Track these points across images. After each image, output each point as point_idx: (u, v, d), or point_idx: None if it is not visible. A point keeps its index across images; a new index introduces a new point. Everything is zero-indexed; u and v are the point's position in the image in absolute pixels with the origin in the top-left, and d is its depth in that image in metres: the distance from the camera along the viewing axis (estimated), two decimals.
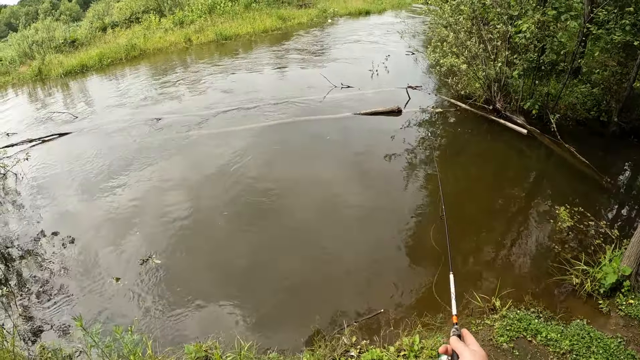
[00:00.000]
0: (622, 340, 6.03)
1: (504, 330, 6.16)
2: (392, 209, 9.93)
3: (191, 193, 10.89)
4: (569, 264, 7.62)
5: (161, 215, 10.11)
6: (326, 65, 20.57)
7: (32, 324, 7.50)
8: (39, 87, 22.78)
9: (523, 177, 11.58)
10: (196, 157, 12.71)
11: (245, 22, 29.06)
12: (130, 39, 26.57)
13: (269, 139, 13.46)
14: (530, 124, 13.06)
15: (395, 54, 21.55)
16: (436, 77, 17.81)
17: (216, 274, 8.35)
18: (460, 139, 13.58)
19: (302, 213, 9.89)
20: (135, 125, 15.27)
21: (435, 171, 11.08)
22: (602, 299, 6.91)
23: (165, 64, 23.69)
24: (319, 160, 12.12)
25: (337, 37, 26.86)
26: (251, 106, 16.00)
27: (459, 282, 7.64)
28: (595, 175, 10.80)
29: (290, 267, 8.29)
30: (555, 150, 12.01)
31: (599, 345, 5.85)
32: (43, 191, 11.67)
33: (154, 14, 30.37)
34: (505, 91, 13.78)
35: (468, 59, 13.47)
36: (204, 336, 6.74)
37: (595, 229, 8.89)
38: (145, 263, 8.60)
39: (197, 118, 15.33)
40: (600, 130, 12.79)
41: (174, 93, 18.52)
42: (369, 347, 6.07)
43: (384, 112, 14.76)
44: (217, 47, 25.93)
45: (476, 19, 13.22)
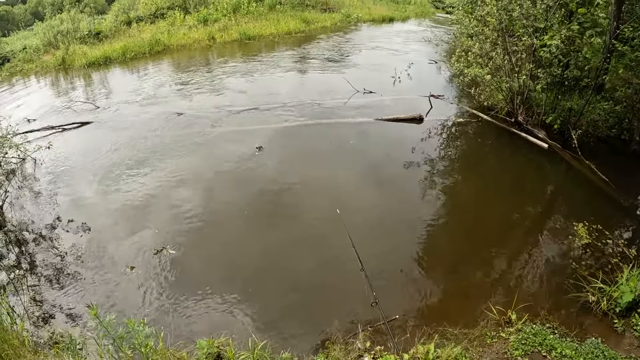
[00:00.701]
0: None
1: (519, 344, 6.15)
2: (409, 217, 9.91)
3: (209, 189, 10.98)
4: (585, 281, 7.57)
5: (178, 209, 10.21)
6: (348, 70, 20.60)
7: (43, 309, 7.60)
8: (61, 76, 23.03)
9: (542, 191, 11.52)
10: (215, 153, 12.79)
11: (269, 23, 29.19)
12: (154, 34, 26.80)
13: (289, 140, 13.53)
14: (551, 139, 12.98)
15: (418, 62, 21.56)
16: (458, 87, 17.76)
17: (230, 271, 8.40)
18: (480, 150, 13.53)
19: (319, 216, 9.91)
20: (156, 119, 15.40)
21: (452, 182, 11.09)
22: (617, 318, 6.87)
23: (188, 60, 23.86)
24: (339, 164, 12.14)
25: (360, 42, 26.89)
26: (272, 107, 16.08)
27: (475, 293, 7.69)
28: (614, 193, 10.71)
29: (305, 269, 8.33)
30: (575, 166, 11.92)
31: None
32: (61, 178, 11.83)
33: (179, 11, 30.59)
34: (527, 104, 13.71)
35: (492, 70, 13.43)
36: (216, 332, 6.79)
37: (612, 248, 8.82)
38: (159, 253, 8.71)
39: (217, 115, 15.44)
40: (621, 148, 12.68)
41: (195, 89, 18.64)
42: (382, 353, 6.07)
43: (406, 119, 14.78)
44: (240, 47, 26.08)
45: (502, 31, 13.17)
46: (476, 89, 14.93)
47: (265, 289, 7.90)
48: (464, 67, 14.29)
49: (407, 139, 13.73)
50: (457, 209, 10.61)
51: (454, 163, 12.55)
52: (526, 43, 12.47)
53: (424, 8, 40.40)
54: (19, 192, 11.27)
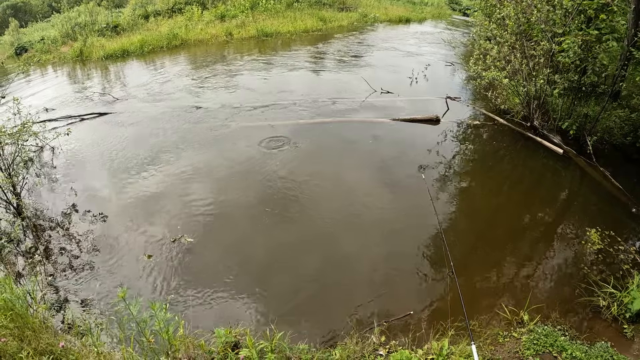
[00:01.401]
0: None
1: (530, 344, 6.25)
2: (422, 217, 9.97)
3: (225, 183, 11.13)
4: (596, 286, 7.65)
5: (195, 201, 10.38)
6: (364, 70, 20.70)
7: (60, 294, 7.78)
8: (78, 67, 23.30)
9: (556, 196, 11.57)
10: (232, 148, 12.95)
11: (287, 21, 29.33)
12: (172, 28, 27.03)
13: (306, 137, 13.64)
14: (566, 145, 13.03)
15: (434, 63, 21.60)
16: (475, 90, 17.81)
17: (246, 263, 8.54)
18: (495, 153, 13.59)
19: (336, 212, 10.04)
20: (173, 112, 15.59)
21: (467, 184, 11.19)
22: (627, 324, 6.94)
23: (205, 55, 24.04)
24: (354, 162, 12.30)
25: (377, 42, 26.95)
26: (288, 104, 16.23)
27: (488, 293, 7.79)
28: (628, 201, 10.75)
29: (321, 264, 8.46)
30: (589, 173, 11.97)
31: None
32: (79, 167, 12.07)
33: (197, 6, 30.79)
34: (543, 109, 13.74)
35: (509, 73, 13.48)
36: (233, 322, 6.94)
37: (624, 254, 8.88)
38: (176, 241, 8.88)
39: (234, 110, 15.60)
40: (635, 156, 12.68)
41: (212, 84, 18.82)
42: (397, 348, 6.19)
43: (422, 120, 14.90)
44: (257, 44, 26.23)
45: (520, 34, 13.21)
46: (492, 92, 14.97)
47: (281, 282, 8.05)
48: (481, 70, 14.35)
49: (423, 139, 13.84)
50: (471, 210, 10.70)
51: (469, 165, 12.63)
52: (544, 47, 12.52)
53: (440, 10, 40.33)
54: (37, 179, 11.48)
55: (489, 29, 14.47)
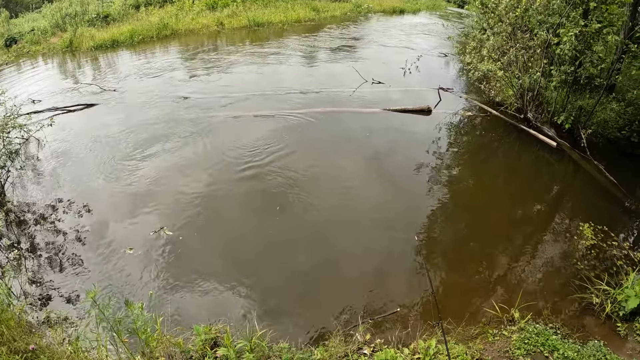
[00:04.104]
0: None
1: (521, 343, 6.06)
2: (413, 210, 9.84)
3: (212, 175, 10.91)
4: (589, 282, 7.50)
5: (180, 193, 10.17)
6: (357, 61, 20.45)
7: (42, 290, 7.57)
8: (68, 58, 22.96)
9: (549, 189, 11.43)
10: (219, 139, 12.71)
11: (279, 11, 29.01)
12: (162, 18, 26.66)
13: (296, 127, 13.43)
14: (560, 137, 12.86)
15: (428, 54, 21.37)
16: (468, 81, 17.60)
17: (230, 258, 8.36)
18: (488, 145, 13.44)
19: (322, 207, 9.84)
20: (161, 102, 15.35)
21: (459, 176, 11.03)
22: (620, 322, 6.78)
23: (196, 45, 23.75)
24: (344, 154, 12.07)
25: (370, 33, 26.69)
26: (279, 94, 16.01)
27: (478, 289, 7.62)
28: (621, 195, 10.60)
29: (306, 260, 8.28)
30: (583, 166, 11.80)
31: None
32: (64, 159, 11.82)
33: None
34: (537, 101, 13.55)
35: (504, 64, 13.27)
36: (214, 318, 6.76)
37: (618, 250, 8.73)
38: (157, 234, 8.72)
39: (223, 101, 15.38)
40: (630, 150, 12.52)
41: (201, 75, 18.57)
42: (382, 347, 5.99)
43: (414, 110, 14.71)
44: (248, 33, 25.93)
45: (517, 25, 12.98)
46: (486, 83, 14.77)
47: (264, 277, 7.86)
48: (476, 62, 14.15)
49: (415, 130, 13.68)
50: (463, 203, 10.54)
51: (461, 157, 12.44)
52: (541, 38, 12.30)
53: (435, 1, 40.01)
54: (21, 172, 11.22)
55: (484, 20, 14.23)
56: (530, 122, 13.60)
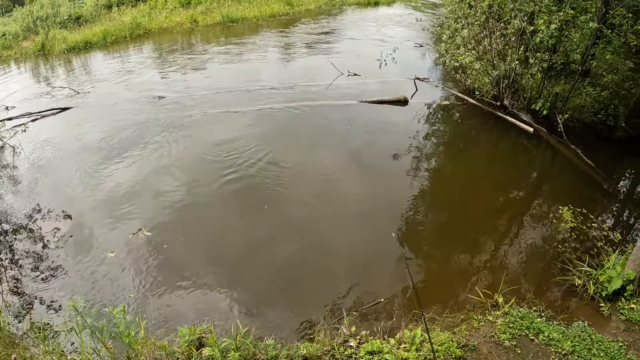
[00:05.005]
0: (623, 345, 6.00)
1: (506, 327, 6.11)
2: (394, 201, 9.84)
3: (191, 174, 10.79)
4: (571, 265, 7.58)
5: (159, 194, 10.05)
6: (332, 54, 20.33)
7: (24, 299, 7.42)
8: (41, 62, 22.51)
9: (528, 175, 11.54)
10: (197, 137, 12.55)
11: (253, 6, 28.70)
12: (135, 17, 26.24)
13: (273, 122, 13.35)
14: (537, 123, 12.97)
15: (403, 45, 21.35)
16: (444, 70, 17.66)
17: (212, 256, 8.29)
18: (466, 133, 13.53)
19: (303, 200, 9.83)
20: (136, 103, 15.12)
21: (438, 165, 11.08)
22: (603, 302, 6.87)
23: (169, 44, 23.44)
24: (323, 147, 12.04)
25: (345, 26, 26.58)
26: (255, 89, 15.87)
27: (461, 276, 7.66)
28: (599, 178, 10.74)
29: (289, 254, 8.23)
30: (560, 151, 11.93)
31: (600, 348, 5.83)
32: (40, 166, 11.56)
33: None
34: (513, 88, 13.64)
35: (479, 53, 13.33)
36: (198, 318, 6.71)
37: (598, 231, 8.87)
38: (135, 235, 8.62)
39: (199, 99, 15.19)
40: (606, 134, 12.70)
41: (176, 73, 18.33)
42: (368, 338, 5.99)
43: (391, 101, 14.69)
44: (222, 30, 25.68)
45: (491, 14, 13.04)
46: (462, 72, 14.84)
47: (247, 274, 7.81)
48: (452, 52, 14.22)
49: (393, 121, 13.69)
50: (443, 192, 10.61)
51: (440, 146, 12.52)
52: (515, 26, 12.36)
53: None
54: None
55: (458, 9, 14.28)
56: (507, 109, 13.69)
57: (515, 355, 5.72)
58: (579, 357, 5.69)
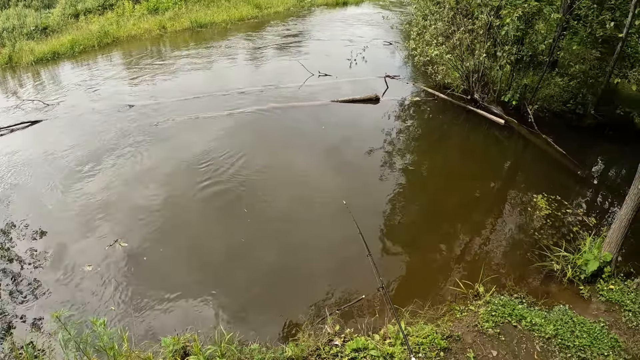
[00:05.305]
0: (605, 325, 6.13)
1: (488, 315, 6.18)
2: (371, 197, 9.85)
3: (165, 183, 10.56)
4: (549, 251, 7.73)
5: (134, 204, 9.83)
6: (303, 55, 20.31)
7: (3, 320, 7.22)
8: (9, 74, 22.07)
9: (501, 166, 11.69)
10: (169, 145, 12.34)
11: (221, 10, 28.51)
12: (103, 25, 25.86)
13: (246, 127, 13.21)
14: (507, 115, 13.16)
15: (373, 44, 21.47)
16: (414, 67, 17.78)
17: (192, 264, 8.16)
18: (439, 128, 13.64)
19: (279, 204, 9.71)
20: (107, 113, 14.83)
21: (413, 160, 11.15)
22: (582, 285, 7.03)
23: (138, 51, 23.16)
24: (297, 149, 11.98)
25: (314, 27, 26.60)
26: (226, 94, 15.72)
27: (441, 269, 7.72)
28: (571, 165, 10.96)
29: (269, 258, 8.15)
30: (532, 141, 12.14)
31: (582, 330, 5.94)
32: (13, 181, 11.24)
33: (128, 0, 29.62)
34: (483, 81, 13.81)
35: (449, 49, 13.46)
36: (182, 328, 6.62)
37: (573, 217, 9.06)
38: (112, 247, 8.45)
39: (170, 106, 14.94)
40: (576, 122, 12.97)
41: (146, 81, 18.07)
42: (353, 336, 5.99)
43: (362, 100, 14.71)
44: (191, 35, 25.47)
45: (457, 9, 13.18)
46: (432, 68, 14.95)
47: (228, 280, 7.73)
48: (421, 48, 14.33)
49: (366, 119, 13.71)
50: (419, 187, 10.66)
51: (413, 141, 12.60)
52: (482, 21, 12.51)
53: None
54: None
55: (426, 6, 14.42)
56: (477, 102, 13.87)
57: (499, 343, 5.79)
58: (562, 339, 5.79)
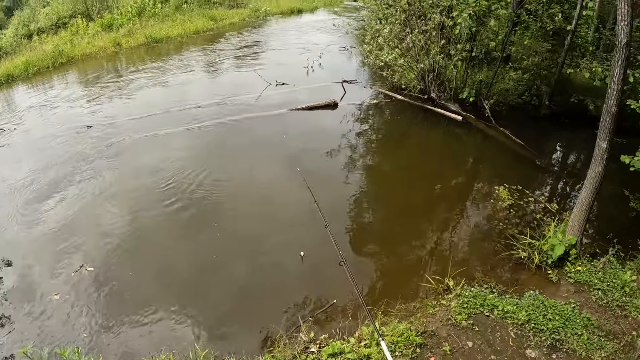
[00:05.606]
0: (576, 305, 6.23)
1: (460, 308, 6.19)
2: (337, 202, 9.76)
3: (128, 204, 10.11)
4: (514, 239, 7.84)
5: (98, 228, 9.40)
6: (259, 65, 20.19)
7: None
8: None
9: (462, 161, 11.84)
10: (130, 164, 11.95)
11: (176, 24, 28.23)
12: (57, 45, 25.25)
13: (205, 141, 12.91)
14: (465, 111, 13.40)
15: (329, 50, 21.60)
16: (370, 71, 17.94)
17: (162, 284, 7.92)
18: (398, 128, 13.72)
19: (244, 216, 9.47)
20: (64, 135, 14.36)
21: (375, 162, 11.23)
22: (550, 269, 7.17)
23: (94, 70, 22.67)
24: (258, 160, 11.66)
25: (270, 36, 26.65)
26: (185, 108, 15.42)
27: (410, 266, 7.76)
28: (531, 155, 11.23)
29: (240, 271, 7.96)
30: (490, 134, 12.38)
31: (554, 313, 6.02)
32: None
33: (82, 19, 29.01)
34: (439, 80, 14.02)
35: (403, 50, 13.62)
36: (156, 350, 6.38)
37: (535, 205, 9.27)
38: (78, 272, 8.15)
39: (128, 124, 14.55)
40: (532, 113, 13.33)
41: (103, 100, 17.66)
42: (329, 341, 5.94)
43: (320, 106, 14.62)
44: (147, 51, 25.12)
45: (410, 11, 13.37)
46: (388, 70, 15.07)
47: (199, 296, 7.54)
48: (375, 51, 14.47)
49: (326, 125, 13.66)
50: (384, 187, 10.70)
51: (373, 143, 12.65)
52: (435, 21, 12.72)
53: None
54: None
55: (379, 10, 14.58)
56: (434, 101, 14.07)
57: (474, 333, 5.82)
58: (535, 324, 5.85)
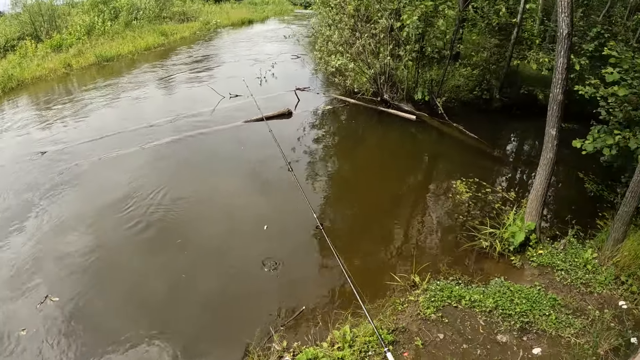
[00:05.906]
0: (542, 287, 6.38)
1: (428, 302, 6.23)
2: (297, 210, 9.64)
3: (90, 231, 9.75)
4: (476, 230, 7.95)
5: (60, 258, 9.08)
6: (212, 78, 20.04)
7: None
8: None
9: (419, 159, 12.01)
10: (88, 188, 11.50)
11: (127, 41, 27.73)
12: (5, 69, 24.47)
13: (162, 159, 12.60)
14: (418, 110, 13.63)
15: (281, 59, 21.66)
16: (323, 77, 18.04)
17: (134, 308, 7.69)
18: (354, 132, 13.82)
19: (207, 232, 9.31)
20: (17, 163, 13.89)
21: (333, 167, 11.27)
22: (513, 256, 7.32)
23: (45, 93, 21.99)
24: (217, 174, 11.40)
25: (222, 49, 26.52)
26: (139, 127, 15.09)
27: (375, 266, 7.78)
28: (485, 147, 11.48)
29: (209, 288, 7.81)
30: (445, 131, 12.60)
31: (521, 297, 6.13)
32: None
33: (30, 40, 28.20)
34: (391, 82, 14.21)
35: (353, 55, 13.75)
36: None
37: (493, 195, 9.46)
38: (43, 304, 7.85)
39: (83, 147, 14.11)
40: (484, 107, 13.65)
41: (56, 123, 17.16)
42: (302, 348, 5.91)
43: (275, 115, 14.49)
44: (98, 70, 24.60)
45: (358, 17, 13.52)
46: (340, 75, 15.10)
47: (168, 317, 7.37)
48: (327, 58, 14.56)
49: (282, 134, 13.33)
50: (344, 191, 10.65)
51: (331, 148, 12.60)
52: (383, 25, 12.89)
53: (282, 6, 40.69)
54: None
55: (328, 16, 14.68)
56: (388, 102, 14.24)
57: (444, 325, 5.86)
58: (503, 310, 5.94)
